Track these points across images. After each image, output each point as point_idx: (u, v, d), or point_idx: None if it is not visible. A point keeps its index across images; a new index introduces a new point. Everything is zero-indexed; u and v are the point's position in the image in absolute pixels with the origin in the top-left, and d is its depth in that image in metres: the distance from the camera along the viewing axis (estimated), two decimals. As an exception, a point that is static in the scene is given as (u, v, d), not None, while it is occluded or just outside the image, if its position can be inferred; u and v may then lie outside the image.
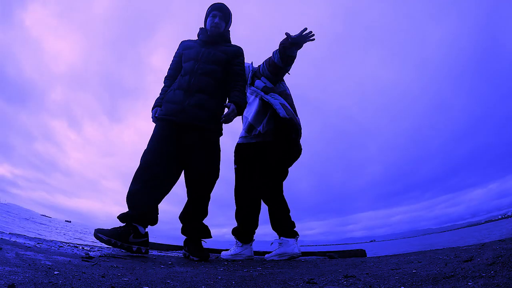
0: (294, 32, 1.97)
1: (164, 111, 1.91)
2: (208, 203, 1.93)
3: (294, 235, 2.01)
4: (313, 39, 2.02)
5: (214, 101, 1.92)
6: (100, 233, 1.63)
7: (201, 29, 2.14)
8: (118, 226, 1.70)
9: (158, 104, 2.03)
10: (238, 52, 2.06)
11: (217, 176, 1.93)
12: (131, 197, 1.74)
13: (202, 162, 1.86)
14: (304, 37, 1.99)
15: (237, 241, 2.07)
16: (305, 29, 1.96)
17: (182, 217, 1.91)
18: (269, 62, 2.16)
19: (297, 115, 2.15)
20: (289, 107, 2.06)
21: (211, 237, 1.93)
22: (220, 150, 1.98)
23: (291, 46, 2.01)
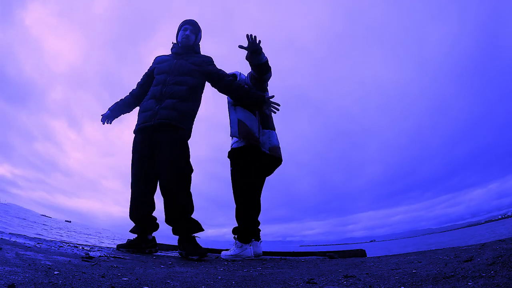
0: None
1: (140, 121, 2.05)
2: (191, 197, 1.96)
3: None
4: (259, 41, 2.06)
5: (185, 104, 2.02)
6: (121, 247, 1.98)
7: (173, 43, 2.31)
8: (133, 238, 2.05)
9: (110, 107, 2.25)
10: (208, 60, 2.21)
11: (191, 171, 2.00)
12: (130, 212, 2.02)
13: (174, 158, 1.92)
14: (252, 44, 2.03)
15: (237, 241, 2.07)
16: (248, 36, 2.00)
17: (168, 218, 1.93)
18: (250, 74, 2.29)
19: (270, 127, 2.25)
20: (248, 122, 2.14)
21: (202, 229, 1.95)
22: (189, 148, 2.05)
23: (251, 55, 2.07)
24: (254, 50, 2.05)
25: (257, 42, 2.02)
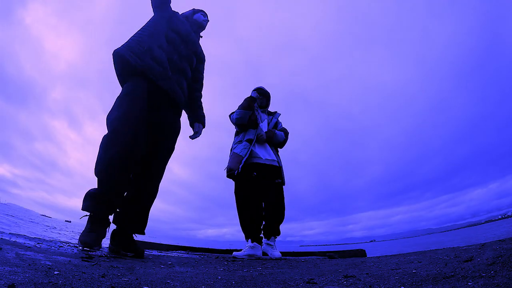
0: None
1: (148, 67, 1.61)
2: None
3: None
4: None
5: (188, 90, 1.96)
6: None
7: (194, 12, 2.14)
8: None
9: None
10: (203, 57, 2.13)
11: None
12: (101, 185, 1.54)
13: (171, 144, 1.77)
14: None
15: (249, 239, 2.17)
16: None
17: (128, 207, 1.64)
18: (284, 131, 2.74)
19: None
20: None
21: (144, 233, 1.73)
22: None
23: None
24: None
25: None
